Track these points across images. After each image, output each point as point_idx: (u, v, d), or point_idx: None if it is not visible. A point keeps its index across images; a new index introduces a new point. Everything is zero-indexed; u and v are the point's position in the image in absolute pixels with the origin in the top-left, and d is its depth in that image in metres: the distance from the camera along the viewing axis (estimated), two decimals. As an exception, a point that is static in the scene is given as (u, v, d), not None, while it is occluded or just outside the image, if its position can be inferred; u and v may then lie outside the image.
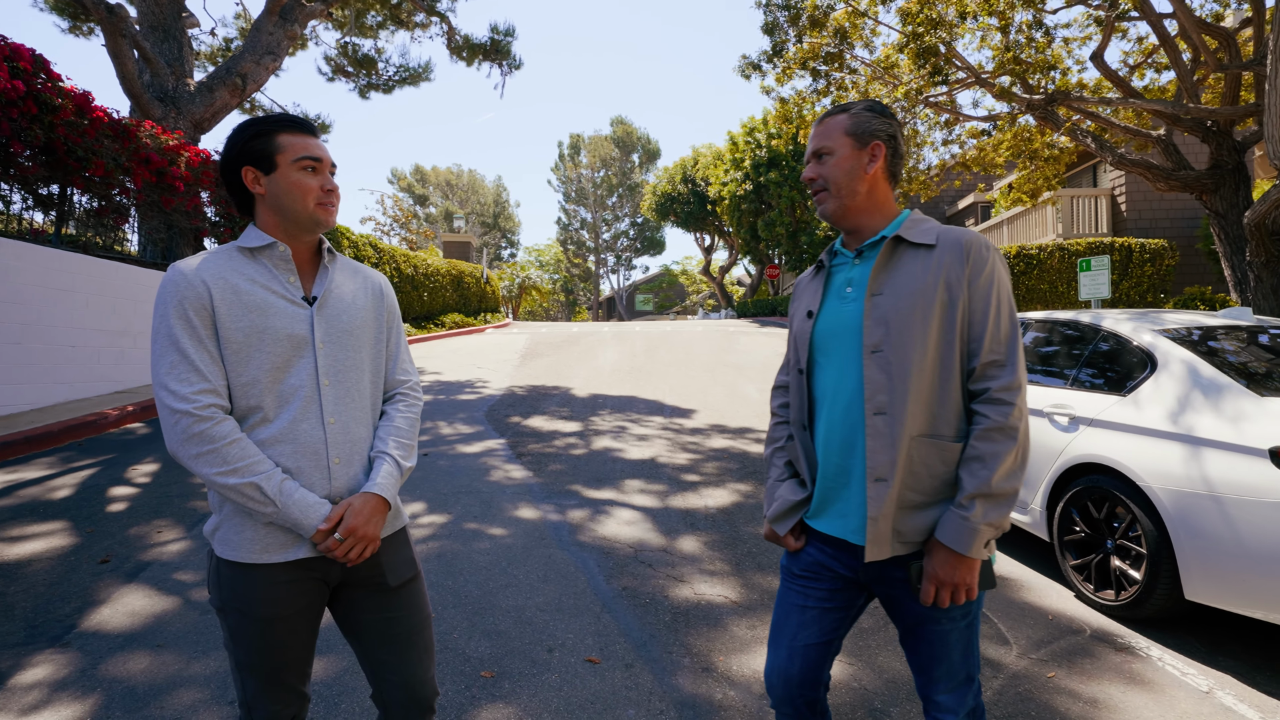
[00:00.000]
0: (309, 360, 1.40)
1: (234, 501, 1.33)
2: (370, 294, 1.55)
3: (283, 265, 1.43)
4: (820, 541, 1.50)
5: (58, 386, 6.69)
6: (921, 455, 1.37)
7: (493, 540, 3.86)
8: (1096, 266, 7.99)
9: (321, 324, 1.43)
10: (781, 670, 1.51)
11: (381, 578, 1.48)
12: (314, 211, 1.42)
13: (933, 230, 1.44)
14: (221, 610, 1.39)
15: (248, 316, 1.35)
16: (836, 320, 1.48)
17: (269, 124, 1.41)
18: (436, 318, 19.11)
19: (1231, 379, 2.93)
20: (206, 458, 1.29)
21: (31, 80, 6.34)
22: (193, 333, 1.31)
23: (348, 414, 1.44)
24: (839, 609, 1.50)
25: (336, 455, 1.41)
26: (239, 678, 1.42)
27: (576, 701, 2.37)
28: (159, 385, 1.31)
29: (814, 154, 1.52)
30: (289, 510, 1.33)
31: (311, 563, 1.40)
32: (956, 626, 1.41)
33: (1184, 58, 7.91)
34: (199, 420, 1.29)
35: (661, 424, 7.07)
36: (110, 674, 2.47)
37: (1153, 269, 12.72)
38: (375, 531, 1.41)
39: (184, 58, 11.53)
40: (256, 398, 1.36)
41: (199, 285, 1.33)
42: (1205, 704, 2.45)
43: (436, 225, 48.36)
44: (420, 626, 1.53)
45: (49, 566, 3.36)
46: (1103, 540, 3.22)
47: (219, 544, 1.38)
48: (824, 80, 9.30)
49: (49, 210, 7.33)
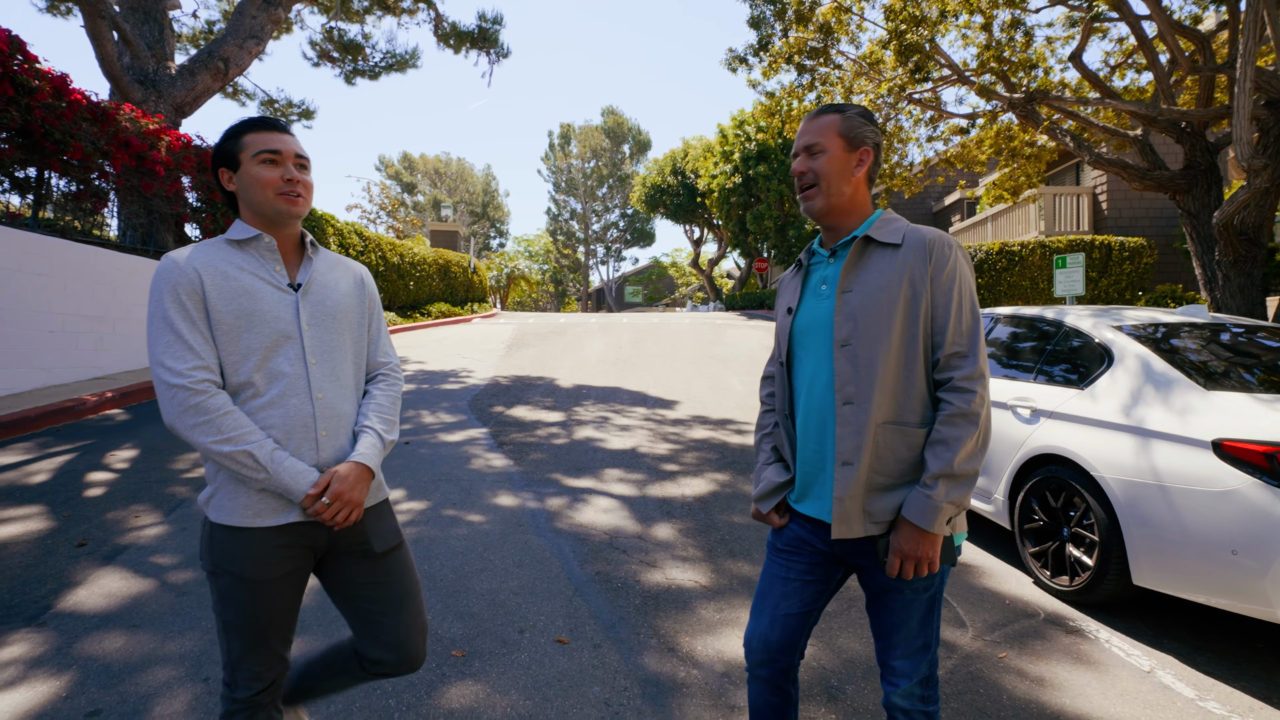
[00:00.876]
0: (296, 341, 1.50)
1: (228, 469, 1.42)
2: (352, 282, 1.66)
3: (269, 255, 1.53)
4: (802, 520, 1.61)
5: (35, 372, 6.66)
6: (887, 441, 1.46)
7: (470, 526, 3.92)
8: (1072, 264, 8.14)
9: (306, 308, 1.53)
10: (763, 635, 1.62)
11: (367, 544, 1.58)
12: (274, 201, 1.49)
13: (900, 230, 1.52)
14: (213, 573, 1.46)
15: (237, 300, 1.45)
16: (812, 316, 1.58)
17: (239, 127, 1.52)
18: (423, 307, 19.04)
19: (1181, 374, 3.04)
20: (202, 428, 1.38)
21: (8, 61, 6.27)
22: (186, 315, 1.41)
23: (333, 391, 1.55)
24: (818, 582, 1.60)
25: (324, 428, 1.52)
26: (225, 639, 1.49)
27: (544, 679, 2.45)
28: (156, 363, 1.40)
29: (805, 148, 1.57)
30: (280, 476, 1.42)
31: (300, 528, 1.49)
32: (919, 598, 1.50)
33: (1161, 59, 8.04)
34: (194, 394, 1.38)
35: (644, 415, 7.14)
36: (86, 652, 2.51)
37: (1131, 267, 12.94)
38: (360, 497, 1.51)
39: (165, 40, 11.38)
40: (247, 375, 1.45)
41: (191, 272, 1.43)
42: (1145, 682, 2.57)
43: (424, 214, 48.05)
44: (410, 592, 1.64)
45: (25, 549, 3.38)
46: (1060, 528, 3.34)
47: (213, 510, 1.46)
48: (809, 75, 9.37)
49: (26, 193, 7.26)
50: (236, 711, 1.50)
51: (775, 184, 22.23)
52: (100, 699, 2.24)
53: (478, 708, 2.27)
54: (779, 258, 24.30)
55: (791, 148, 18.23)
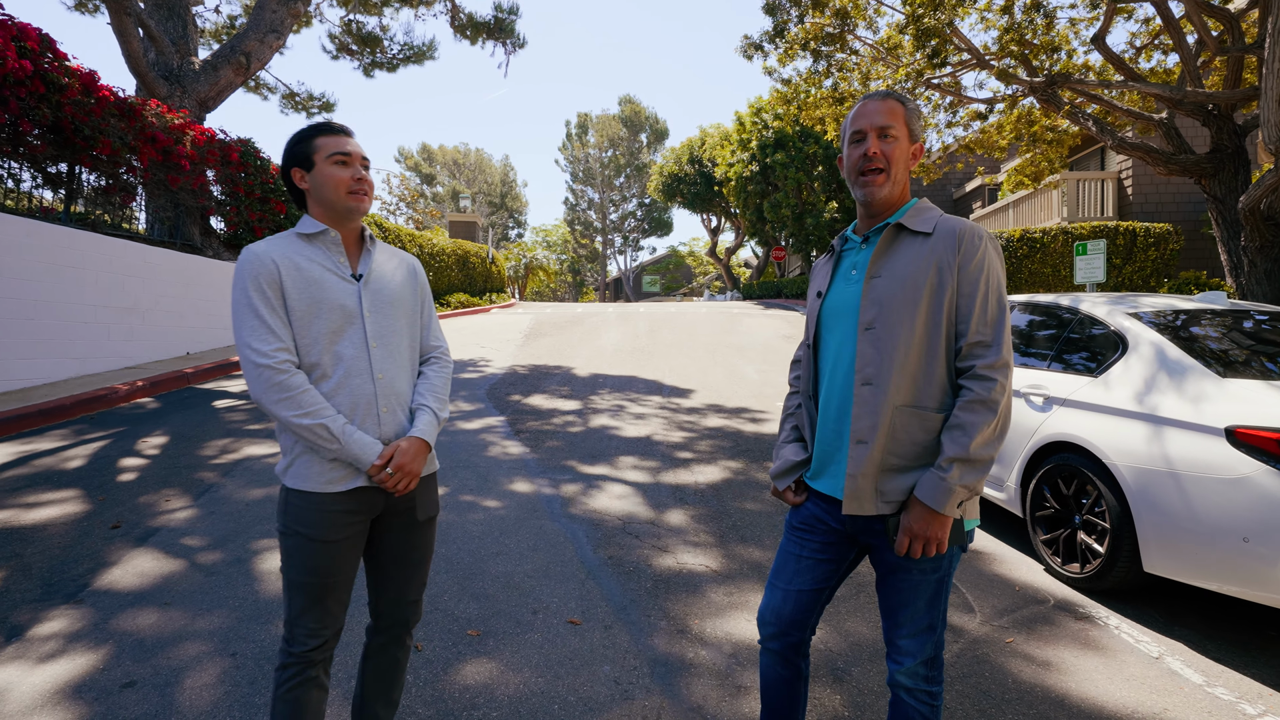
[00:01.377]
0: (359, 326, 1.65)
1: (306, 440, 1.57)
2: (406, 272, 1.81)
3: (334, 248, 1.68)
4: (817, 498, 1.65)
5: (69, 361, 6.88)
6: (904, 423, 1.49)
7: (486, 512, 4.01)
8: (1093, 250, 8.00)
9: (368, 296, 1.68)
10: (776, 609, 1.68)
11: (413, 511, 1.74)
12: (345, 199, 1.65)
13: (932, 219, 1.55)
14: (284, 534, 1.61)
15: (308, 289, 1.60)
16: (841, 300, 1.62)
17: (310, 131, 1.67)
18: (442, 297, 19.23)
19: (1196, 361, 3.02)
20: (285, 403, 1.54)
21: (39, 60, 6.44)
22: (267, 301, 1.56)
23: (393, 371, 1.70)
24: (831, 560, 1.65)
25: (384, 405, 1.67)
26: (289, 596, 1.62)
27: (556, 658, 2.53)
28: (244, 345, 1.55)
29: (878, 129, 1.54)
30: (350, 447, 1.58)
31: (364, 494, 1.65)
32: (927, 579, 1.52)
33: (1189, 40, 7.84)
34: (278, 372, 1.54)
35: (659, 403, 7.19)
36: (121, 628, 2.64)
37: (1157, 253, 12.67)
38: (419, 468, 1.67)
39: (189, 36, 11.57)
40: (316, 357, 1.61)
41: (269, 263, 1.58)
42: (1153, 668, 2.58)
43: (443, 205, 48.34)
44: (426, 557, 1.81)
45: (63, 531, 3.53)
46: (1071, 516, 3.34)
47: (290, 478, 1.61)
48: (825, 62, 9.27)
49: (58, 188, 7.47)
50: (291, 664, 1.62)
51: (793, 172, 22.03)
52: (135, 671, 2.36)
53: (491, 684, 2.35)
54: (796, 246, 24.12)
55: (808, 134, 17.83)
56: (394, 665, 1.82)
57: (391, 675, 1.82)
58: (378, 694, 1.81)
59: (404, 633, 1.82)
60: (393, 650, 1.81)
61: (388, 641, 1.80)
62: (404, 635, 1.82)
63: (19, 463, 4.59)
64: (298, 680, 1.61)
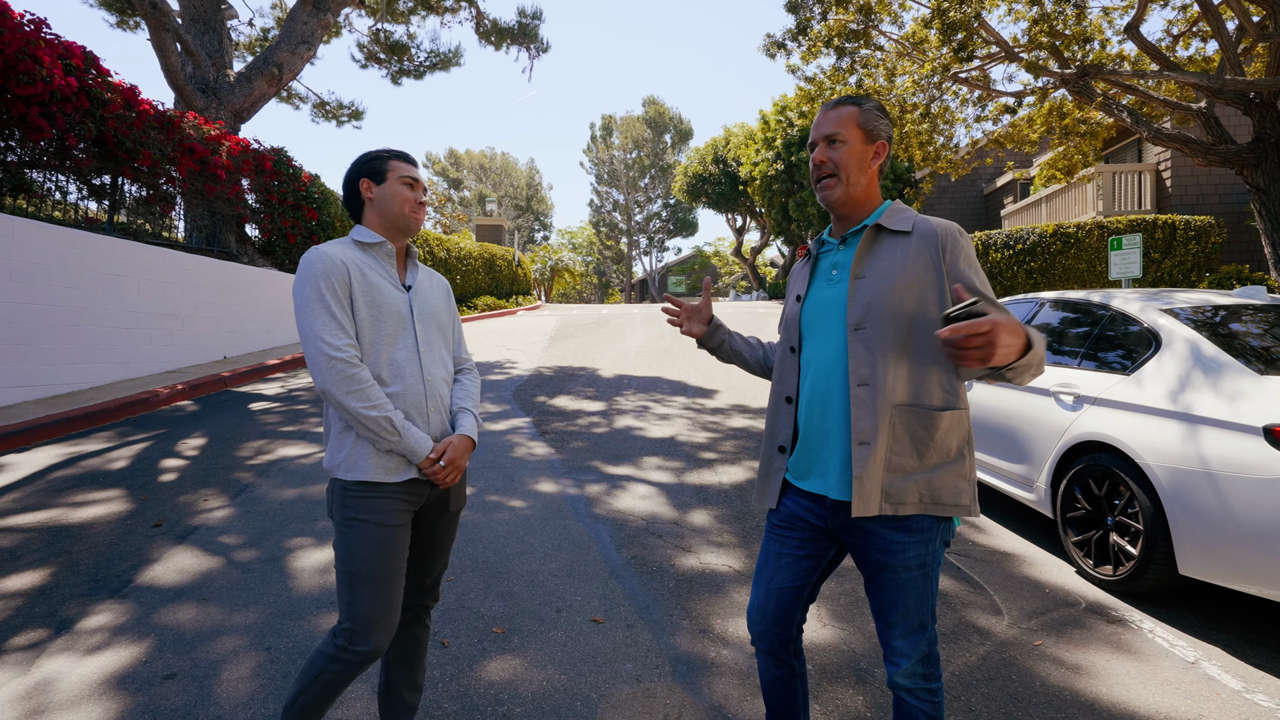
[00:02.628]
0: (410, 332, 1.79)
1: (368, 431, 1.66)
2: (440, 289, 1.98)
3: (387, 259, 1.82)
4: (800, 495, 1.66)
5: (113, 366, 7.14)
6: (904, 422, 1.50)
7: (512, 511, 4.06)
8: (1128, 245, 7.79)
9: (416, 306, 1.83)
10: (759, 607, 1.70)
11: (448, 502, 1.88)
12: (408, 216, 1.83)
13: (909, 219, 1.58)
14: (347, 524, 1.68)
15: (370, 294, 1.73)
16: (823, 301, 1.63)
17: (387, 153, 1.86)
18: (469, 300, 19.47)
19: (1232, 358, 2.93)
20: (355, 395, 1.64)
21: (83, 76, 6.70)
22: (337, 299, 1.67)
23: (438, 375, 1.85)
24: (810, 557, 1.66)
25: (432, 405, 1.81)
26: (351, 592, 1.65)
27: (579, 656, 2.56)
28: (315, 338, 1.63)
29: (825, 138, 1.62)
30: (408, 441, 1.69)
31: (414, 485, 1.76)
32: (912, 575, 1.52)
33: (1229, 26, 7.60)
34: (350, 365, 1.64)
35: (684, 404, 7.20)
36: (162, 622, 2.74)
37: (1197, 247, 12.27)
38: (465, 463, 1.84)
39: (224, 49, 11.91)
40: (375, 356, 1.72)
41: (340, 265, 1.69)
42: (1189, 673, 2.52)
43: (470, 209, 48.93)
44: (449, 544, 1.95)
45: (108, 529, 3.68)
46: (1103, 517, 3.27)
47: (345, 471, 1.69)
48: (849, 58, 9.17)
49: (102, 199, 7.76)
50: (349, 659, 1.64)
51: (819, 170, 21.82)
52: (175, 664, 2.45)
53: (515, 681, 2.39)
54: (823, 245, 23.87)
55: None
56: (415, 644, 1.91)
57: (414, 655, 1.91)
58: (402, 677, 1.90)
59: (424, 612, 1.92)
60: (414, 630, 1.90)
61: (409, 621, 1.89)
62: (424, 614, 1.93)
63: (67, 463, 4.78)
64: (344, 676, 1.67)
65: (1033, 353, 1.33)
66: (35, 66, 5.98)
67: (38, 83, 6.01)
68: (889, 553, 1.51)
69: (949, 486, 1.51)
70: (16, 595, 2.93)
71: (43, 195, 6.99)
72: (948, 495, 1.51)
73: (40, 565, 3.21)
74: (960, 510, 1.51)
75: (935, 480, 1.50)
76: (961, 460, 1.53)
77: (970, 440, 1.56)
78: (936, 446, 1.50)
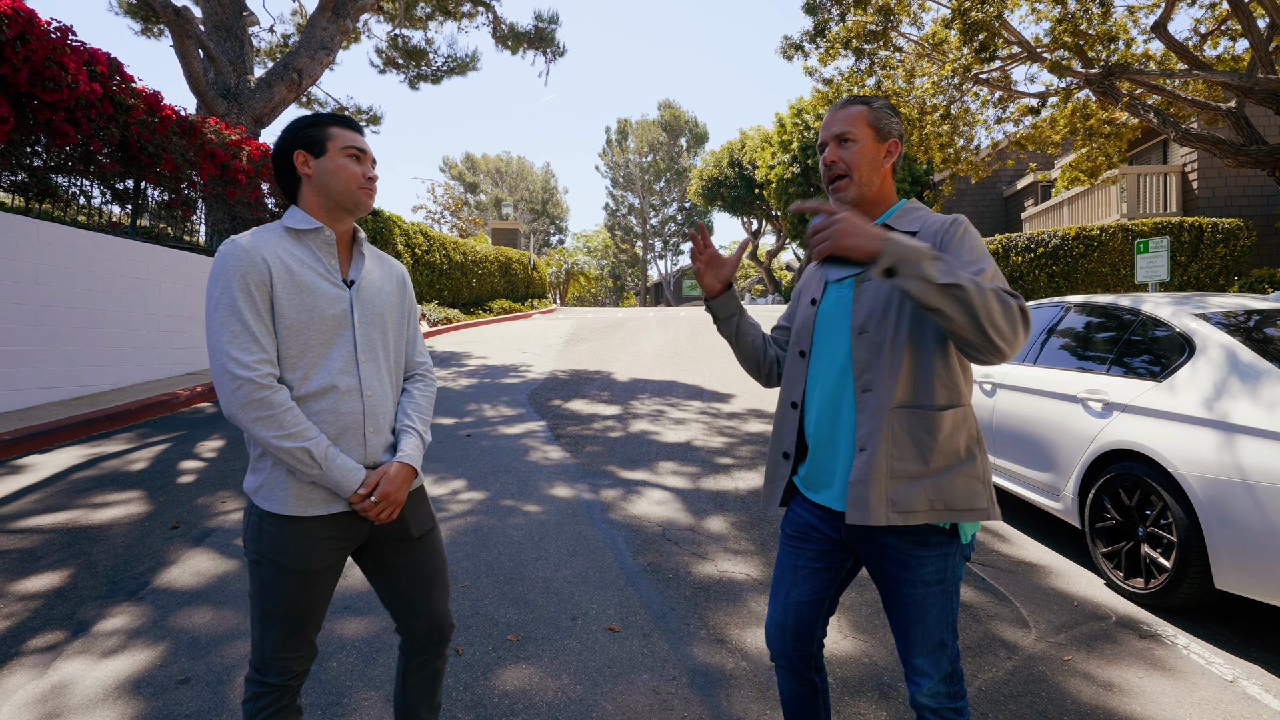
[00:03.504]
0: (348, 338, 1.53)
1: (284, 462, 1.44)
2: (395, 281, 1.70)
3: (325, 249, 1.55)
4: (811, 506, 1.60)
5: (135, 368, 7.22)
6: (904, 424, 1.43)
7: (527, 516, 4.03)
8: (1154, 248, 7.62)
9: (358, 306, 1.56)
10: (778, 623, 1.64)
11: (406, 530, 1.63)
12: (355, 194, 1.55)
13: (918, 219, 1.52)
14: (257, 562, 1.49)
15: (299, 296, 1.47)
16: (834, 305, 1.58)
17: (321, 118, 1.57)
18: (485, 303, 19.55)
19: (1271, 364, 2.83)
20: (265, 422, 1.40)
21: (108, 82, 6.79)
22: (253, 306, 1.42)
23: (379, 389, 1.58)
24: (827, 570, 1.60)
25: (371, 425, 1.55)
26: (261, 626, 1.50)
27: (594, 665, 2.51)
28: (219, 352, 1.39)
29: (835, 138, 1.56)
30: (332, 473, 1.46)
31: (344, 519, 1.53)
32: (931, 591, 1.46)
33: (1259, 24, 7.42)
34: (260, 388, 1.40)
35: (700, 408, 7.14)
36: (178, 625, 2.73)
37: (1225, 250, 12.01)
38: (403, 497, 1.57)
39: (245, 55, 12.06)
40: (303, 370, 1.48)
41: (260, 262, 1.43)
42: (1227, 692, 2.42)
43: (486, 212, 49.22)
44: (440, 569, 1.72)
45: (126, 530, 3.70)
46: (1134, 528, 3.17)
47: (262, 499, 1.48)
48: (868, 60, 9.09)
49: (125, 204, 7.86)
50: (265, 694, 1.52)
51: (835, 173, 21.69)
52: (190, 668, 2.44)
53: (530, 690, 2.36)
54: (840, 248, 23.72)
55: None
56: (435, 676, 1.77)
57: (433, 685, 1.78)
58: (421, 702, 1.77)
59: (442, 647, 1.75)
60: (433, 665, 1.75)
61: (428, 659, 1.73)
62: (442, 648, 1.75)
63: (88, 465, 4.83)
64: (274, 710, 1.52)
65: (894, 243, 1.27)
66: (61, 73, 6.07)
67: (63, 89, 6.10)
68: (906, 567, 1.45)
69: (961, 489, 1.42)
70: (36, 596, 2.94)
71: (67, 199, 7.10)
72: (960, 499, 1.42)
73: (59, 566, 3.23)
74: (976, 515, 1.43)
75: (945, 484, 1.42)
76: (973, 460, 1.45)
77: (980, 439, 1.49)
78: (942, 448, 1.43)
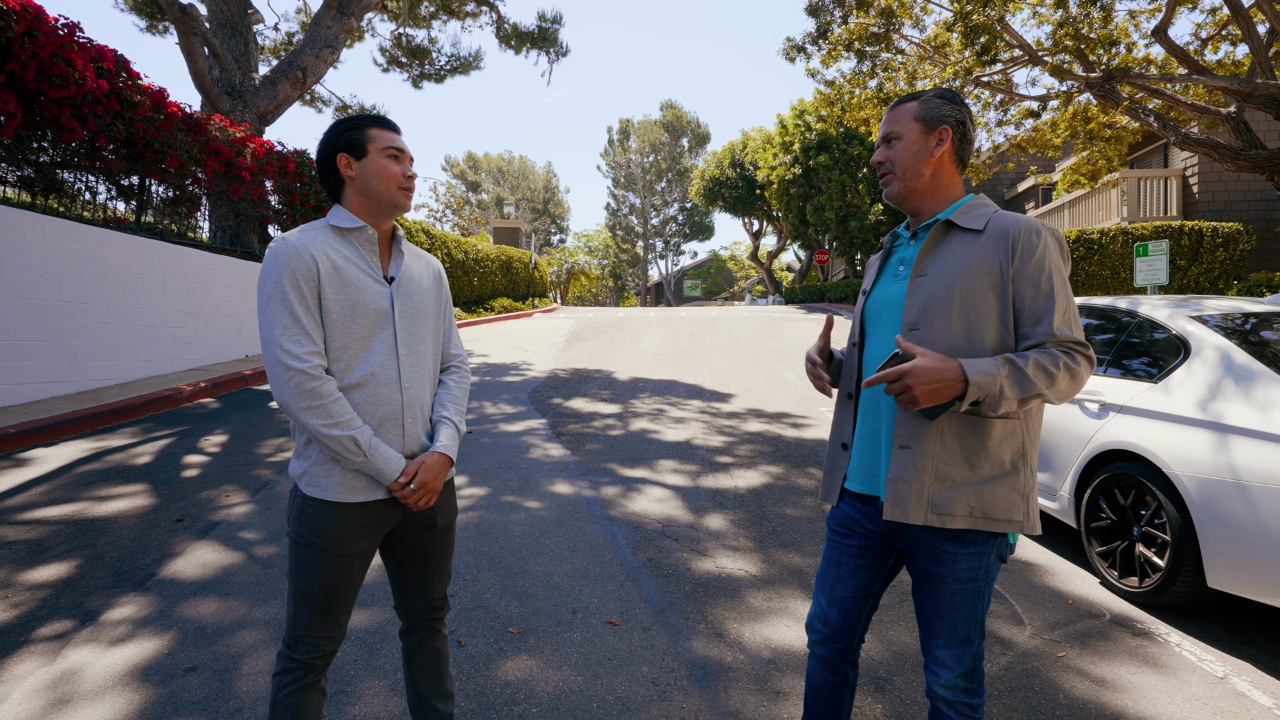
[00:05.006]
0: (389, 332, 1.60)
1: (330, 450, 1.51)
2: (432, 276, 1.77)
3: (368, 246, 1.62)
4: (853, 498, 1.62)
5: (138, 364, 7.26)
6: (954, 429, 1.44)
7: (528, 512, 4.07)
8: (1154, 251, 7.66)
9: (399, 301, 1.63)
10: (822, 615, 1.67)
11: (433, 519, 1.71)
12: (395, 194, 1.60)
13: (984, 216, 1.50)
14: (296, 542, 1.57)
15: (344, 291, 1.54)
16: (886, 297, 1.59)
17: (362, 120, 1.62)
18: (486, 302, 19.59)
19: (1265, 366, 2.87)
20: (314, 411, 1.47)
21: (114, 79, 6.84)
22: (303, 300, 1.49)
23: (418, 381, 1.65)
24: (870, 566, 1.62)
25: (409, 416, 1.62)
26: (295, 605, 1.58)
27: (595, 658, 2.55)
28: (273, 344, 1.46)
29: (884, 139, 1.59)
30: (375, 461, 1.53)
31: (381, 506, 1.60)
32: (963, 588, 1.47)
33: (1260, 30, 7.46)
34: (311, 378, 1.47)
35: (700, 407, 7.18)
36: (184, 615, 2.77)
37: (1225, 254, 12.04)
38: (440, 485, 1.64)
39: (249, 53, 12.10)
40: (346, 363, 1.55)
41: (309, 259, 1.50)
42: (1217, 689, 2.46)
43: (488, 211, 49.27)
44: (447, 557, 1.80)
45: (132, 523, 3.74)
46: (1129, 527, 3.20)
47: (307, 485, 1.56)
48: (870, 62, 9.13)
49: (129, 200, 7.91)
50: (294, 669, 1.58)
51: (836, 174, 21.73)
52: (197, 657, 2.48)
53: (531, 681, 2.39)
54: (840, 249, 23.76)
55: (852, 135, 17.72)
56: (438, 657, 1.82)
57: (439, 667, 1.82)
58: (432, 689, 1.80)
59: (439, 624, 1.82)
60: (433, 643, 1.81)
61: (426, 636, 1.79)
62: (439, 625, 1.82)
63: (93, 458, 4.87)
64: (299, 686, 1.58)
65: (974, 386, 1.32)
66: (68, 70, 6.11)
67: (70, 85, 6.14)
68: (939, 562, 1.47)
69: (1001, 500, 1.43)
70: (44, 586, 2.98)
71: (73, 195, 7.14)
72: (999, 510, 1.43)
73: (67, 557, 3.27)
74: (1013, 526, 1.44)
75: (987, 493, 1.43)
76: (1016, 474, 1.45)
77: (1025, 453, 1.47)
78: (989, 457, 1.43)
